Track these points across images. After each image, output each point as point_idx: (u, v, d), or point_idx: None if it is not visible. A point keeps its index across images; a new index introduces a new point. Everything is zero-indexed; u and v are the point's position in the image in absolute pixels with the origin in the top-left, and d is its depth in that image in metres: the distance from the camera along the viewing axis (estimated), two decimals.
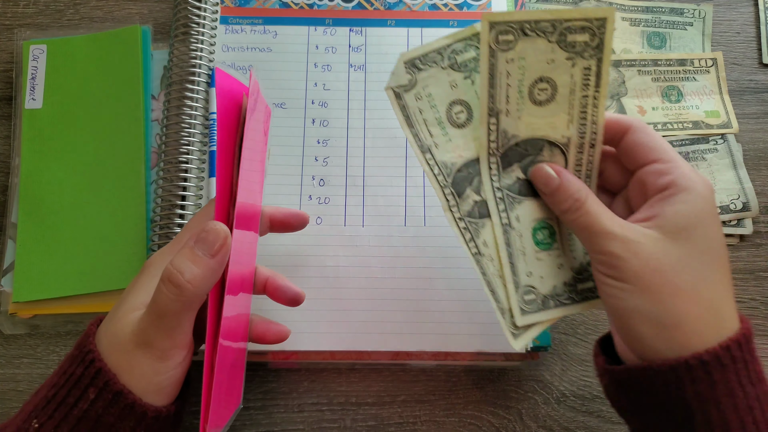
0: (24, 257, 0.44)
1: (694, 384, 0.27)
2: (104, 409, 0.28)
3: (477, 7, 0.50)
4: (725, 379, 0.27)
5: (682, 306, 0.28)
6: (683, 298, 0.28)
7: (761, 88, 0.51)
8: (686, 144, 0.49)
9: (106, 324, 0.30)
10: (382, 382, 0.43)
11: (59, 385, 0.28)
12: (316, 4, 0.50)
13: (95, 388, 0.28)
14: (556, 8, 0.37)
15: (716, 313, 0.28)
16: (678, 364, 0.27)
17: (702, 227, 0.29)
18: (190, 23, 0.48)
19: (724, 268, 0.29)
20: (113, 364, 0.28)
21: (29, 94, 0.48)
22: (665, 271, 0.29)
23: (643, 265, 0.29)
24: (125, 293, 0.31)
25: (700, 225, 0.29)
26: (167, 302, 0.28)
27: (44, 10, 0.52)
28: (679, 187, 0.29)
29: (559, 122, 0.33)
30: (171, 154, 0.45)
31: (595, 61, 0.31)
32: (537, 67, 0.32)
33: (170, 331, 0.29)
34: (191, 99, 0.46)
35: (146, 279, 0.31)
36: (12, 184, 0.46)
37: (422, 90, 0.33)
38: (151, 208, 0.46)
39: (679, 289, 0.28)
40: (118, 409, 0.28)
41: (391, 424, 0.42)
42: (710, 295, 0.28)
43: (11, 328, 0.44)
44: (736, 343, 0.28)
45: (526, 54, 0.31)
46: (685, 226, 0.29)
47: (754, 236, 0.47)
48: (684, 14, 0.53)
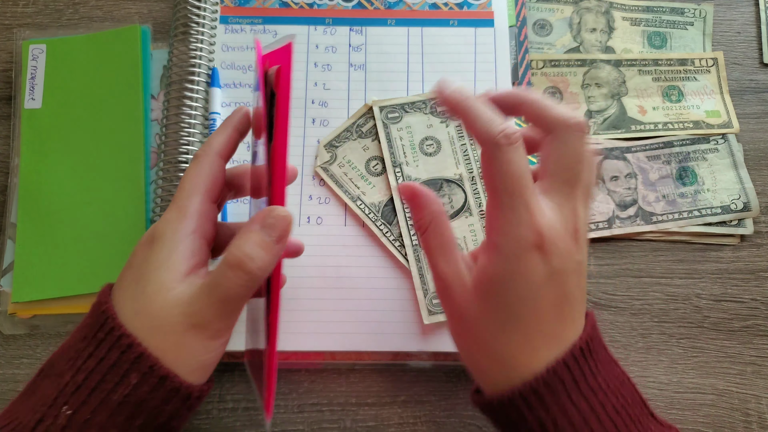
0: (23, 257, 0.44)
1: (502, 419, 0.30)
2: (149, 393, 0.27)
3: (477, 7, 0.50)
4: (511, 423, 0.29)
5: (477, 355, 0.30)
6: (478, 349, 0.30)
7: (762, 87, 0.51)
8: (687, 144, 0.49)
9: (133, 302, 0.28)
10: (382, 383, 0.43)
11: (89, 370, 0.27)
12: (316, 4, 0.50)
13: (138, 373, 0.27)
14: (425, 93, 0.48)
15: (504, 366, 0.29)
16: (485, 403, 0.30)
17: (503, 289, 0.28)
18: (190, 23, 0.48)
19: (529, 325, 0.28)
20: (156, 346, 0.27)
21: (28, 93, 0.48)
22: (467, 321, 0.30)
23: (452, 310, 0.31)
24: (141, 267, 0.29)
25: (502, 287, 0.28)
26: (235, 288, 0.28)
27: (43, 10, 0.52)
28: (492, 243, 0.29)
29: (449, 165, 0.45)
30: (170, 153, 0.45)
31: None
32: (421, 131, 0.46)
33: (231, 313, 0.29)
34: (191, 99, 0.46)
35: (165, 253, 0.29)
36: (11, 184, 0.46)
37: (343, 159, 0.45)
38: (150, 208, 0.45)
39: (476, 340, 0.30)
40: (163, 392, 0.27)
41: (391, 424, 0.42)
42: (503, 352, 0.29)
43: (11, 329, 0.44)
44: (530, 388, 0.28)
45: (411, 123, 0.46)
46: (487, 287, 0.29)
47: (754, 236, 0.47)
48: (685, 14, 0.53)
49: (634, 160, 0.48)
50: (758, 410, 0.42)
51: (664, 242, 0.47)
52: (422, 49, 0.49)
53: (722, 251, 0.47)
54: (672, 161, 0.48)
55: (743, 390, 0.43)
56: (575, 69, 0.51)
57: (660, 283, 0.46)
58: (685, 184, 0.48)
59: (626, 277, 0.46)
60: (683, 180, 0.48)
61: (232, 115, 0.34)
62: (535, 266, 0.28)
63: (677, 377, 0.43)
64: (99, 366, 0.27)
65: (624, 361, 0.43)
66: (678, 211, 0.47)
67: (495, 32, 0.50)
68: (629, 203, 0.47)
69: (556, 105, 0.30)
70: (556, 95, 0.50)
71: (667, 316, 0.45)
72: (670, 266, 0.46)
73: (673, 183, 0.48)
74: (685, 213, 0.47)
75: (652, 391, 0.43)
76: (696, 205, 0.47)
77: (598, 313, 0.45)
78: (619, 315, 0.45)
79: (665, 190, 0.48)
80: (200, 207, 0.30)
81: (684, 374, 0.43)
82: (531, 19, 0.52)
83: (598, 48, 0.52)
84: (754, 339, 0.44)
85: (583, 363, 0.28)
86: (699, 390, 0.43)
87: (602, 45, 0.52)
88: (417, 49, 0.49)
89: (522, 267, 0.28)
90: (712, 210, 0.47)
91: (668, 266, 0.46)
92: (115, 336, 0.27)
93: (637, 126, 0.49)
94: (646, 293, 0.45)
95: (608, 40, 0.52)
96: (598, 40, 0.52)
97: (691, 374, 0.43)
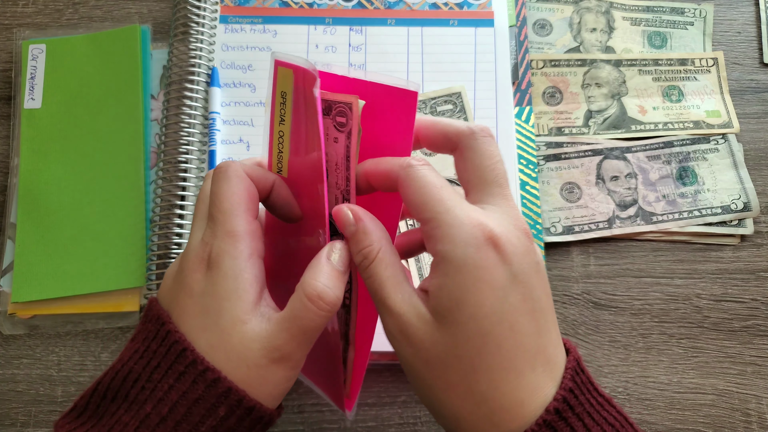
0: (23, 257, 0.44)
1: None
2: (236, 423, 0.27)
3: (477, 6, 0.50)
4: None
5: (454, 401, 0.26)
6: (454, 394, 0.26)
7: (762, 87, 0.51)
8: (687, 144, 0.49)
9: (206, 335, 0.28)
10: (382, 383, 0.43)
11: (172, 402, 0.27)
12: (316, 3, 0.50)
13: (226, 406, 0.27)
14: (425, 93, 0.41)
15: (490, 407, 0.25)
16: None
17: (466, 305, 0.25)
18: (190, 22, 0.48)
19: (502, 346, 0.25)
20: (240, 379, 0.27)
21: (28, 93, 0.48)
22: (434, 364, 0.26)
23: (412, 355, 0.27)
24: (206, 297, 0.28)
25: (463, 303, 0.25)
26: (316, 319, 0.28)
27: (43, 10, 0.51)
28: (437, 257, 0.26)
29: (448, 165, 0.34)
30: (170, 153, 0.45)
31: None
32: None
33: (310, 344, 0.29)
34: (191, 98, 0.46)
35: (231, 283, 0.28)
36: (11, 184, 0.46)
37: None
38: (150, 208, 0.45)
39: (449, 384, 0.26)
40: (249, 421, 0.28)
41: (391, 424, 0.42)
42: (482, 388, 0.25)
43: (10, 329, 0.43)
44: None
45: None
46: (447, 308, 0.25)
47: (755, 236, 0.47)
48: (685, 14, 0.53)
49: (635, 160, 0.48)
50: (758, 410, 0.42)
51: (665, 242, 0.47)
52: (422, 49, 0.49)
53: (722, 251, 0.47)
54: (672, 161, 0.48)
55: (743, 390, 0.43)
56: (575, 69, 0.51)
57: (660, 283, 0.46)
58: (686, 184, 0.48)
59: (626, 277, 0.46)
60: (683, 180, 0.48)
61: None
62: (494, 268, 0.25)
63: (677, 377, 0.43)
64: (183, 399, 0.27)
65: (624, 362, 0.43)
66: (678, 211, 0.47)
67: (495, 32, 0.50)
68: (629, 203, 0.47)
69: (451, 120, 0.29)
70: (556, 95, 0.50)
71: (668, 316, 0.45)
72: (671, 266, 0.46)
73: (674, 183, 0.48)
74: (686, 213, 0.47)
75: (652, 391, 0.43)
76: (696, 205, 0.47)
77: (599, 313, 0.45)
78: (619, 315, 0.45)
79: (665, 190, 0.48)
80: (248, 227, 0.29)
81: (684, 374, 0.43)
82: (531, 18, 0.52)
83: (599, 48, 0.52)
84: (755, 339, 0.44)
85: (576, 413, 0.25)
86: (699, 390, 0.43)
87: (602, 45, 0.52)
88: (417, 49, 0.49)
89: (481, 272, 0.25)
90: (712, 210, 0.47)
91: (668, 266, 0.46)
92: (198, 370, 0.27)
93: (637, 126, 0.49)
94: (646, 293, 0.45)
95: (608, 40, 0.52)
96: (599, 40, 0.52)
97: (691, 374, 0.43)
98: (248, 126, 0.47)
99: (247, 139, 0.47)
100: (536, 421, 0.25)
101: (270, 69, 0.31)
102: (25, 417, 0.42)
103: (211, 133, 0.46)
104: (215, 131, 0.46)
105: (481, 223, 0.25)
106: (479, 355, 0.25)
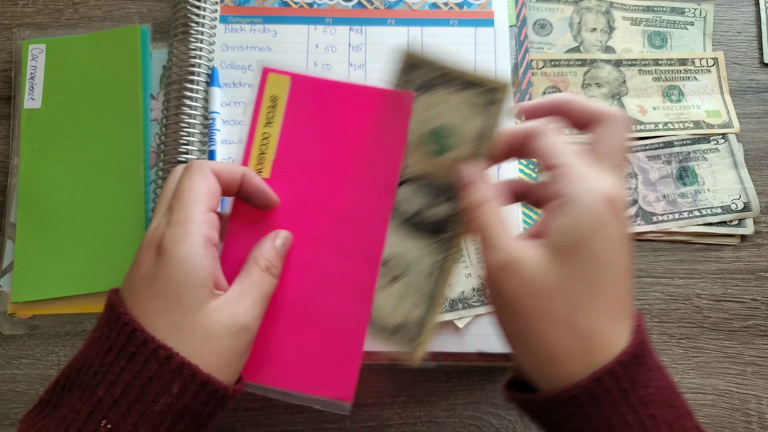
0: (23, 257, 0.44)
1: (570, 417, 0.27)
2: (191, 399, 0.28)
3: (477, 6, 0.50)
4: (600, 411, 0.26)
5: (553, 336, 0.27)
6: (555, 328, 0.27)
7: (762, 87, 0.51)
8: (687, 144, 0.49)
9: (166, 317, 0.29)
10: (382, 383, 0.43)
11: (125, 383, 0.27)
12: (316, 3, 0.50)
13: (180, 381, 0.28)
14: None
15: (589, 343, 0.27)
16: (550, 399, 0.27)
17: (587, 245, 0.27)
18: (190, 22, 0.48)
19: (611, 289, 0.27)
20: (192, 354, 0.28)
21: (28, 93, 0.48)
22: (541, 297, 0.27)
23: (519, 287, 0.28)
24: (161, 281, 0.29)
25: (585, 243, 0.27)
26: (270, 288, 0.32)
27: (43, 10, 0.51)
28: (565, 198, 0.28)
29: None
30: (170, 153, 0.45)
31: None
32: None
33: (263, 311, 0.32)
34: (190, 98, 0.46)
35: (188, 267, 0.30)
36: (11, 184, 0.46)
37: None
38: (150, 208, 0.45)
39: (553, 318, 0.27)
40: (204, 395, 0.28)
41: (391, 424, 0.42)
42: (585, 324, 0.27)
43: (10, 329, 0.44)
44: (609, 373, 0.26)
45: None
46: (569, 245, 0.27)
47: (755, 236, 0.47)
48: (685, 14, 0.53)
49: (635, 160, 0.48)
50: (758, 410, 0.42)
51: (665, 242, 0.47)
52: (422, 48, 0.49)
53: (722, 251, 0.47)
54: (672, 161, 0.48)
55: (743, 390, 0.43)
56: (575, 69, 0.51)
57: (660, 283, 0.46)
58: (686, 184, 0.48)
59: None
60: (683, 180, 0.48)
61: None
62: (611, 223, 0.27)
63: (677, 377, 0.43)
64: (135, 379, 0.28)
65: None
66: (678, 211, 0.47)
67: (495, 32, 0.50)
68: (629, 203, 0.47)
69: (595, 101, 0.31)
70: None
71: (668, 316, 0.45)
72: (671, 266, 0.46)
73: (674, 183, 0.48)
74: (686, 213, 0.47)
75: None
76: (696, 205, 0.47)
77: None
78: None
79: (665, 190, 0.48)
80: (202, 216, 0.31)
81: (684, 374, 0.43)
82: (531, 18, 0.52)
83: (599, 48, 0.52)
84: (755, 339, 0.44)
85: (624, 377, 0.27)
86: (699, 390, 0.43)
87: (602, 45, 0.52)
88: (417, 48, 0.49)
89: (601, 221, 0.27)
90: (712, 210, 0.47)
91: (668, 266, 0.46)
92: (150, 349, 0.28)
93: (637, 126, 0.49)
94: (646, 293, 0.45)
95: (608, 39, 0.52)
96: (599, 39, 0.52)
97: (691, 374, 0.43)
98: None
99: None
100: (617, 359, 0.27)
101: (256, 75, 0.35)
102: None
103: (211, 133, 0.46)
104: (215, 131, 0.46)
105: (606, 182, 0.28)
106: (587, 294, 0.27)
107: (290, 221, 0.34)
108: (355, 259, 0.36)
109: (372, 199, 0.36)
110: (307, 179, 0.35)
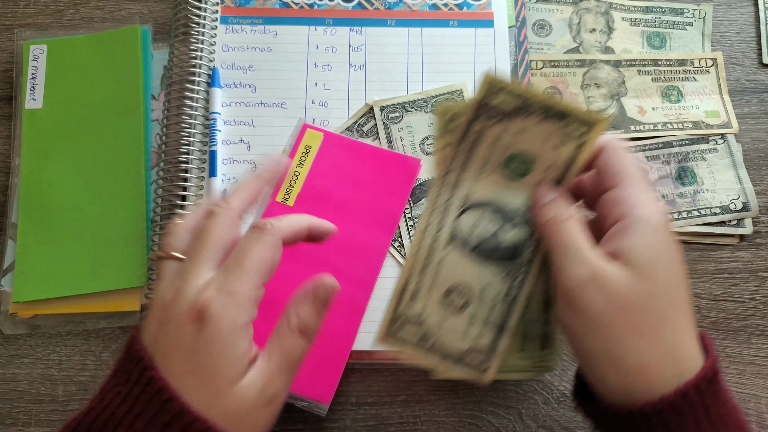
0: (24, 257, 0.44)
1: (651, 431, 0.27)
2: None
3: (477, 7, 0.50)
4: (683, 425, 0.26)
5: (644, 349, 0.27)
6: (646, 340, 0.27)
7: (761, 88, 0.51)
8: (686, 144, 0.49)
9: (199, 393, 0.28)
10: (382, 382, 0.43)
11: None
12: (317, 4, 0.50)
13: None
14: (426, 91, 0.48)
15: (676, 355, 0.28)
16: (633, 413, 0.27)
17: (663, 261, 0.28)
18: (190, 23, 0.48)
19: (685, 304, 0.29)
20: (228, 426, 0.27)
21: (29, 94, 0.48)
22: (630, 310, 0.28)
23: (606, 301, 0.28)
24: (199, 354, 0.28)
25: (661, 259, 0.28)
26: (302, 352, 0.30)
27: (44, 10, 0.52)
28: (633, 218, 0.29)
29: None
30: (171, 154, 0.45)
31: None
32: (422, 130, 0.46)
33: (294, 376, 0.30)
34: (191, 99, 0.46)
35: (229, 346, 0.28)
36: (12, 184, 0.46)
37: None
38: (151, 208, 0.46)
39: (643, 331, 0.27)
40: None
41: (391, 424, 0.42)
42: (672, 337, 0.28)
43: (11, 328, 0.44)
44: (694, 388, 0.27)
45: (411, 123, 0.43)
46: (648, 261, 0.28)
47: (754, 236, 0.47)
48: (684, 14, 0.53)
49: None
50: (758, 410, 0.42)
51: None
52: (422, 49, 0.49)
53: (721, 251, 0.47)
54: (671, 161, 0.48)
55: (743, 390, 0.43)
56: (575, 69, 0.51)
57: None
58: (685, 184, 0.48)
59: None
60: (682, 180, 0.48)
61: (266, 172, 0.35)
62: (674, 243, 0.29)
63: None
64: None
65: None
66: (677, 211, 0.47)
67: (495, 33, 0.50)
68: None
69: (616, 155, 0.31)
70: (556, 96, 0.50)
71: None
72: None
73: (673, 183, 0.48)
74: (685, 213, 0.47)
75: None
76: (695, 205, 0.47)
77: None
78: None
79: (664, 190, 0.48)
80: (256, 293, 0.29)
81: None
82: (531, 19, 0.52)
83: (598, 48, 0.52)
84: (754, 339, 0.44)
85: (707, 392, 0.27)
86: None
87: (602, 45, 0.52)
88: (417, 49, 0.49)
89: (669, 242, 0.29)
90: (711, 210, 0.47)
91: None
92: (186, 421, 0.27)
93: (636, 126, 0.49)
94: None
95: (608, 40, 0.52)
96: (598, 40, 0.52)
97: None
98: (249, 126, 0.48)
99: (247, 139, 0.47)
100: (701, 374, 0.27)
101: (296, 128, 0.46)
102: (26, 416, 0.42)
103: (212, 133, 0.46)
104: (216, 132, 0.46)
105: (661, 206, 0.30)
106: (671, 307, 0.28)
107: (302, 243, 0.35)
108: (353, 283, 0.42)
109: (374, 237, 0.43)
110: (322, 212, 0.41)
